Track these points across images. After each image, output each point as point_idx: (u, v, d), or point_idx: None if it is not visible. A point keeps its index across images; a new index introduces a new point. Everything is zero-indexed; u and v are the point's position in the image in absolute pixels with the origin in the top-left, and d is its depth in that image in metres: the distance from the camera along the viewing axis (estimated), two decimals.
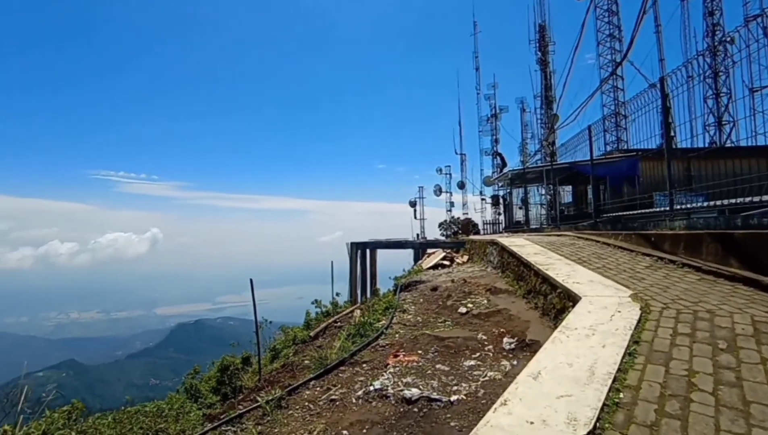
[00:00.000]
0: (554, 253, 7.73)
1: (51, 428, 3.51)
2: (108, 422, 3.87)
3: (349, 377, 4.57)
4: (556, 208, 19.14)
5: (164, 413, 4.35)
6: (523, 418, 2.23)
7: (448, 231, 30.16)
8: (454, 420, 3.33)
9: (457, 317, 6.34)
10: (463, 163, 35.97)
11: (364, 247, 23.86)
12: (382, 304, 7.63)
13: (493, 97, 34.82)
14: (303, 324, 10.36)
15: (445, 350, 4.96)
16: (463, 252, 15.17)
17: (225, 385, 7.47)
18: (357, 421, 3.57)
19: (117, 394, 58.47)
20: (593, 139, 12.69)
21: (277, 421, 3.76)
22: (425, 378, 4.22)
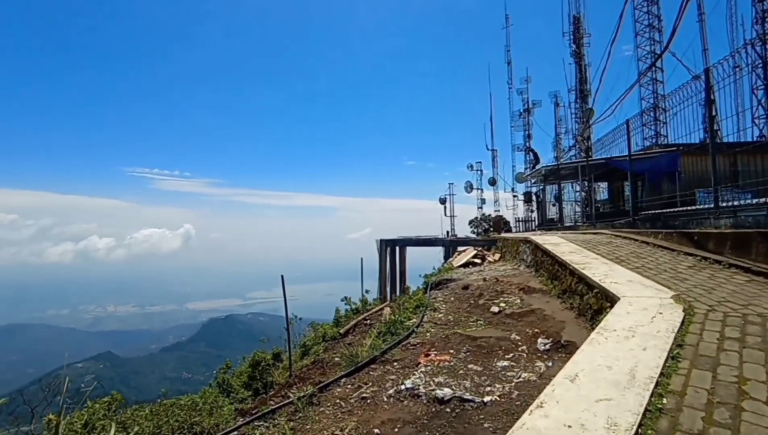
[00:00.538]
0: (590, 252, 7.55)
1: (93, 418, 3.71)
2: (145, 414, 4.04)
3: (380, 375, 4.61)
4: (592, 206, 18.64)
5: (198, 407, 4.51)
6: (560, 422, 2.20)
7: (478, 228, 29.80)
8: (488, 421, 3.31)
9: (489, 316, 6.28)
10: (494, 159, 35.52)
11: (394, 245, 23.83)
12: (412, 302, 7.64)
13: (525, 92, 34.23)
14: (332, 321, 10.50)
15: (477, 350, 4.93)
16: (494, 250, 14.99)
17: (256, 381, 7.67)
18: (389, 419, 3.60)
19: (151, 386, 60.83)
20: (631, 134, 12.28)
21: (309, 417, 3.84)
22: (457, 378, 4.21)
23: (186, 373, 76.21)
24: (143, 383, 67.90)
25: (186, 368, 79.75)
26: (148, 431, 3.43)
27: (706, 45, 22.87)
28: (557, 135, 33.75)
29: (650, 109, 23.46)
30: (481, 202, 34.05)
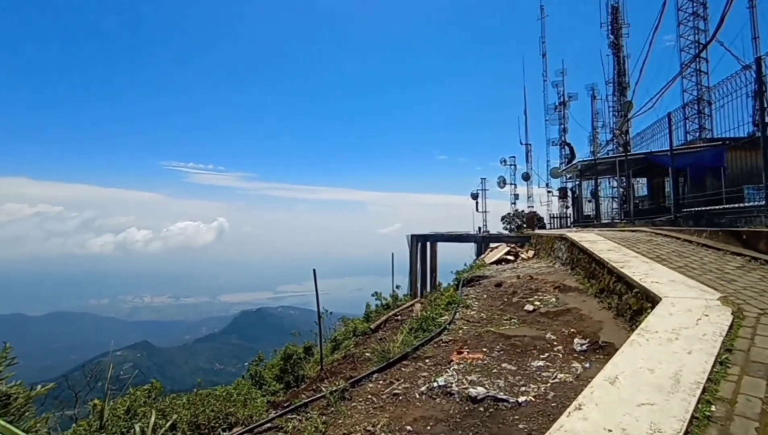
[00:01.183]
0: (629, 250, 7.32)
1: (134, 405, 3.90)
2: (183, 403, 4.21)
3: (412, 372, 4.63)
4: (630, 202, 18.02)
5: (233, 398, 4.65)
6: (599, 425, 2.16)
7: (511, 224, 29.33)
8: (523, 422, 3.28)
9: (523, 315, 6.20)
10: (528, 153, 34.73)
11: (425, 240, 23.72)
12: (444, 298, 7.62)
13: (561, 84, 33.28)
14: (363, 316, 10.58)
15: (511, 349, 4.88)
16: (528, 247, 14.73)
17: (288, 374, 7.83)
18: (421, 417, 3.62)
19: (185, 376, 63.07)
20: (673, 128, 11.78)
21: (341, 412, 3.90)
22: (491, 377, 4.18)
23: (218, 364, 78.65)
24: (178, 373, 70.56)
25: (218, 360, 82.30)
26: (185, 419, 3.57)
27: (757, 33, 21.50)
28: (594, 129, 32.69)
29: (693, 101, 22.36)
30: (515, 198, 33.51)
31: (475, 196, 32.37)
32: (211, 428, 3.71)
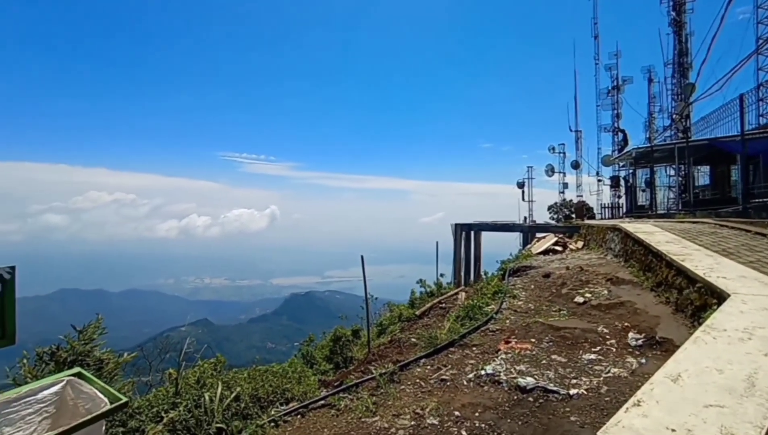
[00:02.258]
0: (691, 243, 6.83)
1: (203, 376, 4.14)
2: (244, 377, 4.42)
3: (459, 359, 4.59)
4: (690, 192, 16.81)
5: (288, 375, 4.81)
6: (661, 424, 2.03)
7: (558, 214, 28.19)
8: (574, 415, 3.16)
9: (573, 307, 5.96)
10: (578, 140, 32.91)
11: (469, 229, 23.29)
12: (490, 288, 7.48)
13: (614, 68, 31.14)
14: (408, 302, 10.61)
15: (560, 341, 4.71)
16: (577, 237, 14.13)
17: (337, 355, 8.01)
18: (469, 403, 3.59)
19: (240, 353, 66.16)
20: (745, 111, 10.77)
21: (390, 394, 3.93)
22: (540, 368, 4.07)
23: (270, 343, 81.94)
24: (233, 350, 74.14)
25: (270, 339, 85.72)
26: (247, 392, 3.74)
27: None
28: (650, 114, 30.38)
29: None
30: (563, 187, 32.04)
31: (521, 185, 31.26)
32: (269, 402, 3.87)
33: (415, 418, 3.46)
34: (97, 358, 3.19)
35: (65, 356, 3.06)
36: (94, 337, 3.43)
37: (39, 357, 3.12)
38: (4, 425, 1.81)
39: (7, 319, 1.93)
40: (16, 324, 1.96)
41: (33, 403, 1.91)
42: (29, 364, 3.09)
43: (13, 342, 1.98)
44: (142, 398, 3.49)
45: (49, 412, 1.95)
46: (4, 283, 1.94)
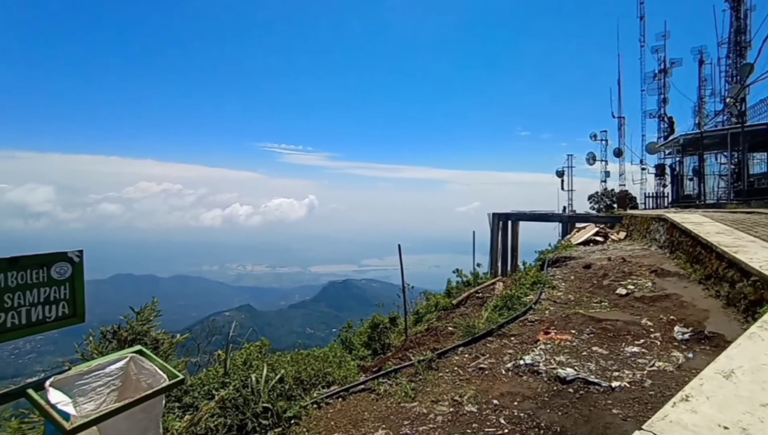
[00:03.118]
0: (745, 234, 6.42)
1: (249, 357, 4.33)
2: (287, 360, 4.57)
3: (497, 348, 4.56)
4: (744, 180, 15.73)
5: (329, 359, 4.94)
6: (713, 421, 1.96)
7: (599, 204, 27.05)
8: (617, 407, 3.09)
9: (615, 299, 5.77)
10: (621, 127, 31.20)
11: (506, 219, 22.80)
12: (529, 278, 7.34)
13: (662, 50, 29.04)
14: (444, 291, 10.58)
15: (602, 332, 4.58)
16: (619, 227, 13.58)
17: (375, 341, 8.11)
18: (507, 392, 3.57)
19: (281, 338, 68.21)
20: None
21: (429, 380, 3.97)
22: (580, 359, 3.98)
23: (309, 329, 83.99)
24: (275, 334, 76.43)
25: (309, 325, 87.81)
26: (291, 375, 3.87)
27: None
28: (700, 98, 28.08)
29: None
30: (605, 176, 30.67)
31: (561, 173, 30.03)
32: (312, 384, 3.99)
33: (454, 404, 3.49)
34: (153, 338, 3.41)
35: (125, 335, 3.30)
36: (150, 318, 3.66)
37: (103, 335, 3.38)
38: (78, 395, 1.99)
39: (77, 299, 2.11)
40: (85, 303, 2.15)
41: (102, 377, 2.09)
42: (95, 341, 3.35)
43: (83, 320, 2.16)
44: (194, 377, 3.70)
45: (115, 385, 2.13)
46: (74, 265, 2.10)
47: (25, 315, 1.96)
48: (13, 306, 1.93)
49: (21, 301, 1.95)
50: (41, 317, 2.01)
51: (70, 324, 2.12)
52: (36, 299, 1.99)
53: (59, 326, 2.08)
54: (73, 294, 2.10)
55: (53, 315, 2.05)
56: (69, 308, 2.10)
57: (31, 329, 2.00)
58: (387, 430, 3.20)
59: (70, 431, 1.67)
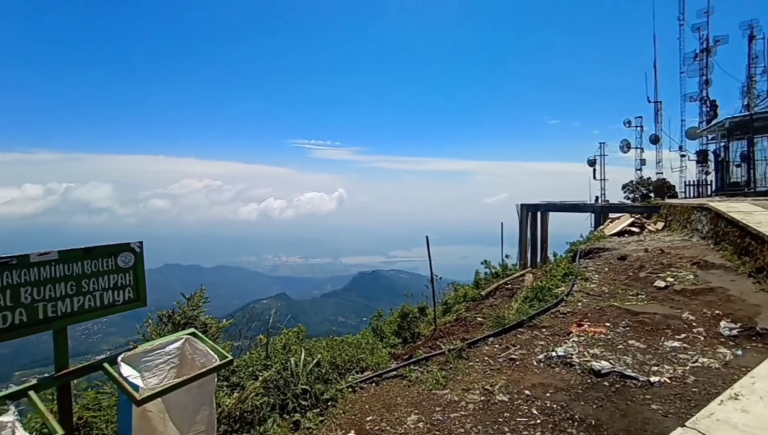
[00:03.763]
0: None
1: (288, 342, 4.40)
2: (323, 345, 4.61)
3: (528, 340, 4.43)
4: None
5: (362, 346, 4.95)
6: (765, 420, 1.81)
7: (634, 193, 25.56)
8: (656, 403, 2.93)
9: (652, 291, 5.49)
10: (657, 113, 28.70)
11: (535, 210, 22.08)
12: (560, 269, 7.10)
13: (704, 27, 25.80)
14: (472, 283, 10.43)
15: (638, 326, 4.37)
16: (656, 217, 12.92)
17: (405, 330, 8.10)
18: (539, 383, 3.46)
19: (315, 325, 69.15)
20: None
21: (459, 369, 3.90)
22: (615, 352, 3.81)
23: (341, 317, 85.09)
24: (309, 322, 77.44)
25: (341, 313, 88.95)
26: (327, 359, 3.91)
27: None
28: (749, 78, 24.83)
29: None
30: (640, 164, 28.51)
31: (592, 162, 28.45)
32: (346, 369, 4.02)
33: (485, 393, 3.41)
34: (202, 322, 3.54)
35: (179, 319, 3.45)
36: (199, 304, 3.79)
37: (159, 319, 3.57)
38: (144, 370, 2.16)
39: (140, 285, 2.29)
40: (146, 289, 2.33)
41: (163, 355, 2.25)
42: (153, 323, 3.53)
43: (145, 304, 2.35)
44: (238, 359, 3.80)
45: (174, 363, 2.29)
46: (136, 255, 2.29)
47: (99, 298, 2.15)
48: (89, 290, 2.12)
49: (95, 286, 2.14)
50: (111, 301, 2.20)
51: (134, 308, 2.29)
52: (107, 285, 2.18)
53: (125, 309, 2.26)
54: (136, 281, 2.28)
55: (120, 299, 2.23)
56: (133, 293, 2.27)
57: (103, 311, 2.17)
58: (419, 416, 3.17)
59: (140, 401, 1.85)
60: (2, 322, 1.85)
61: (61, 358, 2.07)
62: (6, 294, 1.85)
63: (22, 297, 1.90)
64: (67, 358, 2.09)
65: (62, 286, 2.02)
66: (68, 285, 2.03)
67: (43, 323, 1.96)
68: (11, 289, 1.87)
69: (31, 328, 1.94)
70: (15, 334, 1.90)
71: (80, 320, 2.11)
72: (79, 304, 2.07)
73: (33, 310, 1.93)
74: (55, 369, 2.06)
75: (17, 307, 1.88)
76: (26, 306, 1.91)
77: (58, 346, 2.06)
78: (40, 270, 1.95)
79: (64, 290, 2.02)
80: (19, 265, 1.88)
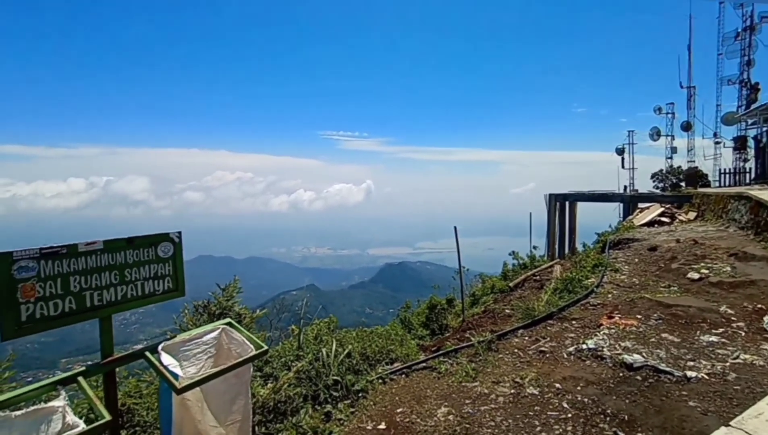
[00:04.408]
0: None
1: (320, 333, 4.48)
2: (353, 336, 4.67)
3: (558, 332, 4.34)
4: None
5: (391, 337, 4.97)
6: None
7: (663, 182, 24.46)
8: (693, 399, 2.82)
9: (686, 283, 5.27)
10: (690, 98, 26.99)
11: (564, 200, 21.40)
12: (590, 260, 6.90)
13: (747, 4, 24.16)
14: (500, 274, 10.30)
15: (671, 319, 4.21)
16: (688, 207, 12.35)
17: (433, 322, 8.10)
18: (570, 376, 3.40)
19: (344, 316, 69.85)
20: None
21: (489, 361, 3.87)
22: (648, 346, 3.69)
23: (368, 308, 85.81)
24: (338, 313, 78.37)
25: (368, 304, 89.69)
26: (357, 350, 3.95)
27: None
28: None
29: None
30: (671, 152, 27.20)
31: (621, 151, 27.32)
32: (376, 360, 4.05)
33: (515, 386, 3.38)
34: (236, 312, 3.64)
35: (214, 309, 3.55)
36: (233, 294, 3.89)
37: (195, 309, 3.67)
38: (183, 359, 2.21)
39: (179, 275, 2.32)
40: (185, 279, 2.36)
41: (200, 344, 2.31)
42: (189, 313, 3.65)
43: (183, 294, 2.38)
44: (272, 349, 3.89)
45: (211, 352, 2.34)
46: (175, 245, 2.31)
47: (141, 288, 2.19)
48: (132, 279, 2.16)
49: (137, 276, 2.17)
50: (152, 290, 2.23)
51: (173, 297, 2.33)
52: (148, 274, 2.21)
53: (165, 299, 2.29)
54: (175, 271, 2.30)
55: (161, 289, 2.26)
56: (173, 283, 2.30)
57: (144, 300, 2.22)
58: (449, 408, 3.17)
59: (180, 389, 1.88)
60: (54, 309, 1.89)
61: (107, 346, 2.12)
62: (57, 282, 1.90)
63: (72, 285, 1.95)
64: (112, 346, 2.14)
65: (107, 275, 2.06)
66: (112, 274, 2.08)
67: (90, 311, 2.01)
68: (62, 277, 1.91)
69: (80, 315, 1.98)
70: (65, 322, 1.94)
71: (124, 309, 2.15)
72: (122, 293, 2.10)
73: (81, 298, 1.98)
74: (101, 356, 2.11)
75: (67, 295, 1.93)
76: (75, 294, 1.96)
77: (104, 334, 2.11)
78: (87, 259, 1.99)
79: (108, 279, 2.07)
80: (69, 255, 1.93)
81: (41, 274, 1.85)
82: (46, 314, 1.88)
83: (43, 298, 1.86)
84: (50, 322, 1.90)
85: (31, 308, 1.83)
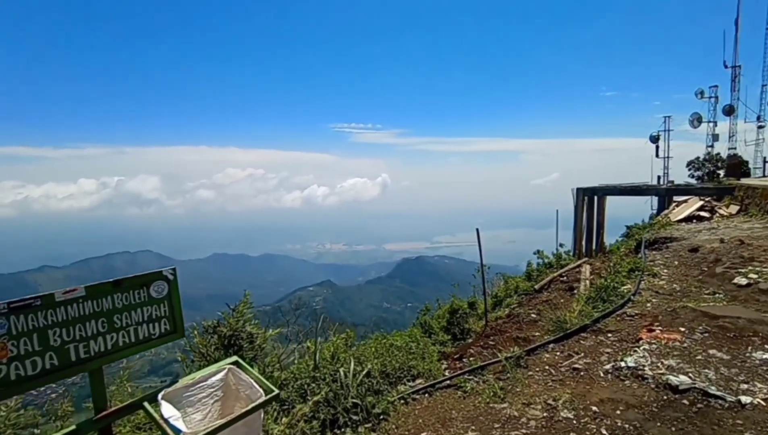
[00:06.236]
0: None
1: (337, 351, 4.38)
2: (372, 351, 4.56)
3: (593, 346, 4.16)
4: None
5: (412, 350, 4.86)
6: None
7: (700, 171, 23.16)
8: (750, 430, 2.62)
9: (732, 290, 4.99)
10: (735, 79, 25.03)
11: (592, 194, 20.56)
12: (625, 265, 6.63)
13: None
14: (524, 274, 10.07)
15: (719, 332, 3.98)
16: (728, 200, 11.82)
17: (454, 326, 7.96)
18: (608, 398, 3.22)
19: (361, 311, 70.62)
20: None
21: (518, 379, 3.73)
22: (694, 365, 3.48)
23: (386, 303, 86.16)
24: (355, 308, 79.45)
25: (386, 299, 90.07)
26: (377, 368, 3.85)
27: None
28: None
29: None
30: (712, 140, 25.55)
31: (656, 138, 25.85)
32: (397, 378, 3.95)
33: (547, 409, 3.23)
34: (248, 332, 3.56)
35: (224, 331, 3.48)
36: (244, 311, 3.81)
37: (205, 329, 3.60)
38: (187, 406, 2.11)
39: (176, 315, 2.18)
40: (183, 319, 2.23)
41: (205, 388, 2.19)
42: (198, 335, 3.59)
43: (182, 335, 2.25)
44: (287, 371, 3.81)
45: (218, 395, 2.23)
46: (169, 283, 2.16)
47: (133, 334, 2.05)
48: (122, 326, 2.02)
49: (128, 321, 2.04)
50: (147, 335, 2.10)
51: (172, 340, 2.20)
52: (140, 318, 2.07)
53: (162, 343, 2.16)
54: (171, 311, 2.17)
55: (156, 332, 2.13)
56: (170, 324, 2.17)
57: (139, 347, 2.09)
58: (477, 432, 3.05)
59: None
60: (32, 368, 1.75)
61: (99, 400, 1.99)
62: (33, 338, 1.75)
63: (51, 340, 1.80)
64: (105, 399, 2.02)
65: (93, 323, 1.92)
66: (99, 322, 1.93)
67: (76, 365, 1.88)
68: (38, 332, 1.76)
69: (65, 371, 1.84)
70: (48, 380, 1.81)
71: (115, 359, 2.02)
72: (112, 341, 1.98)
73: (64, 352, 1.84)
74: (94, 411, 2.00)
75: (47, 350, 1.79)
76: (56, 349, 1.81)
77: (95, 388, 1.98)
78: (68, 309, 1.84)
79: (95, 328, 1.92)
80: (45, 306, 1.78)
81: (12, 332, 1.71)
82: (23, 375, 1.74)
83: (18, 358, 1.73)
84: (30, 383, 1.77)
85: (4, 370, 1.69)
